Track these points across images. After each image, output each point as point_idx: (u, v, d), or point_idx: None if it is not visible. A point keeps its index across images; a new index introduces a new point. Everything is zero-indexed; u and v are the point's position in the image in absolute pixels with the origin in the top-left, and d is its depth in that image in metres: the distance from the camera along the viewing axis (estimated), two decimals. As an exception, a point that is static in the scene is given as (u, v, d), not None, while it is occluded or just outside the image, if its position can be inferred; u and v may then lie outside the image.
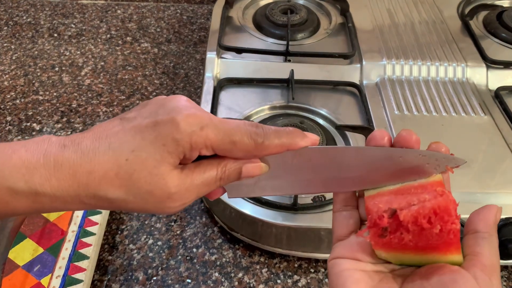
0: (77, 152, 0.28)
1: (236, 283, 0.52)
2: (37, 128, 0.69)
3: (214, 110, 0.63)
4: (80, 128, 0.69)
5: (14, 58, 0.82)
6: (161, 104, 0.30)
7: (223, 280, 0.52)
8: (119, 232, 0.56)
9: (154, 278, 0.52)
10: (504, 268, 0.55)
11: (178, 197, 0.30)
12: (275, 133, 0.30)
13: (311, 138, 0.31)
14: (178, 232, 0.56)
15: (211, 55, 0.70)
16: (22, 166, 0.28)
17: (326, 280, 0.53)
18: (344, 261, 0.31)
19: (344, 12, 0.81)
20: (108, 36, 0.88)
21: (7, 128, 0.69)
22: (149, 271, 0.53)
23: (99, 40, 0.87)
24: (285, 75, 0.68)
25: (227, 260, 0.54)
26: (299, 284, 0.52)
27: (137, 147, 0.29)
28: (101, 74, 0.79)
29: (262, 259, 0.54)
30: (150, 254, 0.54)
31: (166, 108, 0.30)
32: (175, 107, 0.29)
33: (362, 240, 0.31)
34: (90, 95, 0.75)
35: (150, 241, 0.55)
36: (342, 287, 0.30)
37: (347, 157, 0.31)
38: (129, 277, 0.52)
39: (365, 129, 0.58)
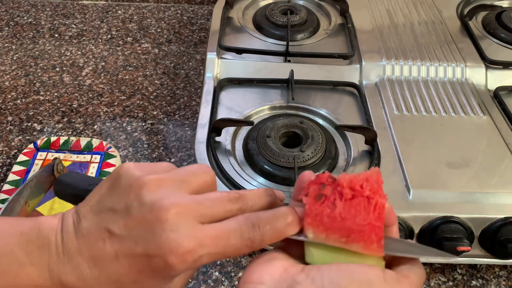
0: (79, 279, 0.29)
1: (236, 283, 0.52)
2: (38, 128, 0.69)
3: (214, 110, 0.63)
4: (81, 128, 0.69)
5: (15, 58, 0.82)
6: (138, 205, 0.29)
7: (223, 279, 0.52)
8: (120, 231, 0.56)
9: (155, 277, 0.52)
10: (503, 267, 0.55)
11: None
12: (272, 229, 0.30)
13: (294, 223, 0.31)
14: (178, 231, 0.57)
15: (211, 56, 0.71)
16: None
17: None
18: (274, 251, 0.32)
19: (344, 12, 0.82)
20: (109, 36, 0.88)
21: (8, 128, 0.69)
22: (150, 270, 0.53)
23: (100, 41, 0.87)
24: (285, 76, 0.68)
25: (227, 259, 0.54)
26: (299, 283, 0.52)
27: (137, 279, 0.29)
28: (102, 74, 0.79)
29: (262, 259, 0.54)
30: (151, 254, 0.54)
31: (147, 222, 0.28)
32: (157, 220, 0.28)
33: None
34: (91, 95, 0.75)
35: (151, 241, 0.56)
36: (258, 264, 0.30)
37: None
38: (130, 277, 0.52)
39: (365, 129, 0.58)
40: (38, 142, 0.64)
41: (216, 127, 0.59)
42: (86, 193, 0.33)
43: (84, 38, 0.88)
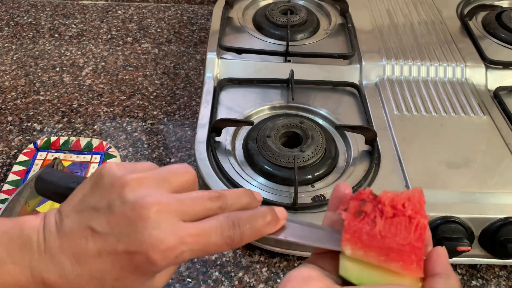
0: (62, 277, 0.29)
1: (236, 283, 0.52)
2: (38, 128, 0.69)
3: (214, 110, 0.63)
4: (81, 128, 0.69)
5: (15, 58, 0.82)
6: (120, 203, 0.30)
7: (223, 279, 0.52)
8: (120, 231, 0.56)
9: (155, 277, 0.52)
10: (503, 267, 0.55)
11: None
12: (251, 228, 0.31)
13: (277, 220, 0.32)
14: (178, 231, 0.57)
15: (211, 56, 0.71)
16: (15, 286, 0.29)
17: (326, 279, 0.53)
18: (311, 265, 0.31)
19: (344, 12, 0.82)
20: (109, 36, 0.88)
21: (8, 128, 0.69)
22: (150, 270, 0.53)
23: (100, 41, 0.87)
24: (285, 76, 0.68)
25: (227, 259, 0.54)
26: (299, 283, 0.52)
27: (119, 276, 0.30)
28: (102, 74, 0.79)
29: (262, 259, 0.54)
30: (151, 254, 0.54)
31: (129, 220, 0.29)
32: (139, 218, 0.29)
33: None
34: (91, 95, 0.75)
35: (151, 241, 0.56)
36: (294, 279, 0.30)
37: None
38: (130, 276, 0.52)
39: (365, 129, 0.58)
40: (38, 142, 0.64)
41: (216, 127, 0.59)
42: (68, 191, 0.33)
43: (84, 38, 0.88)
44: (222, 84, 0.67)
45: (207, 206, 0.31)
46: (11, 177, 0.58)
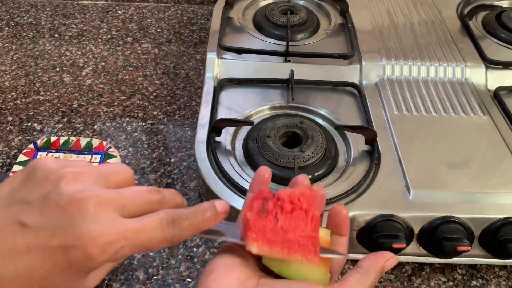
0: None
1: (236, 282, 0.52)
2: (38, 128, 0.69)
3: (214, 110, 0.63)
4: (81, 128, 0.69)
5: (15, 58, 0.82)
6: (56, 195, 0.28)
7: (223, 279, 0.52)
8: (120, 231, 0.57)
9: (155, 277, 0.52)
10: (503, 267, 0.55)
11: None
12: (190, 225, 0.31)
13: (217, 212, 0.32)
14: (178, 231, 0.57)
15: (211, 56, 0.71)
16: None
17: (326, 279, 0.53)
18: (228, 255, 0.33)
19: (344, 12, 0.82)
20: (109, 36, 0.88)
21: (8, 128, 0.69)
22: (150, 270, 0.53)
23: (100, 41, 0.87)
24: (285, 76, 0.68)
25: (227, 259, 0.54)
26: (299, 283, 0.52)
27: (49, 273, 0.28)
28: (102, 74, 0.79)
29: (262, 259, 0.54)
30: (151, 254, 0.54)
31: (66, 212, 0.27)
32: (77, 210, 0.27)
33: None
34: (91, 95, 0.75)
35: (151, 241, 0.56)
36: (214, 270, 0.31)
37: None
38: (130, 277, 0.52)
39: (365, 129, 0.58)
40: (38, 142, 0.64)
41: (216, 127, 0.59)
42: None
43: (84, 38, 0.88)
44: (222, 84, 0.67)
45: (147, 199, 0.30)
46: (11, 177, 0.58)
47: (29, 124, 0.70)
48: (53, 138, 0.64)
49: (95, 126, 0.70)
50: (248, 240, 0.32)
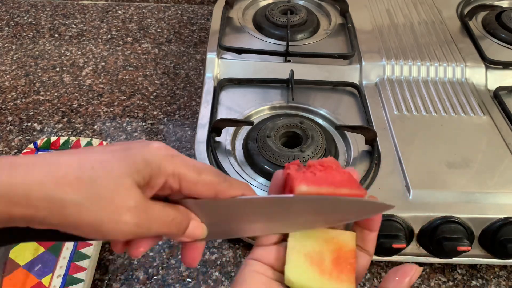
0: (35, 157, 0.28)
1: (236, 282, 0.52)
2: (38, 128, 0.69)
3: (214, 110, 0.63)
4: (81, 128, 0.69)
5: (15, 58, 0.82)
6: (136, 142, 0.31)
7: (223, 279, 0.52)
8: (120, 231, 0.56)
9: (155, 277, 0.52)
10: (503, 267, 0.55)
11: (135, 214, 0.28)
12: (235, 180, 0.33)
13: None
14: (178, 231, 0.57)
15: (211, 56, 0.71)
16: None
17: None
18: (258, 263, 0.33)
19: (344, 12, 0.82)
20: (109, 36, 0.88)
21: (8, 128, 0.69)
22: (150, 270, 0.53)
23: (100, 41, 0.87)
24: (285, 76, 0.68)
25: (227, 259, 0.54)
26: (299, 283, 0.52)
27: (105, 159, 0.28)
28: (102, 74, 0.79)
29: (262, 259, 0.54)
30: (151, 254, 0.54)
31: (140, 142, 0.31)
32: (149, 142, 0.30)
33: (282, 252, 0.33)
34: (91, 95, 0.75)
35: (151, 241, 0.56)
36: (244, 282, 0.32)
37: (293, 206, 0.33)
38: (130, 277, 0.52)
39: (365, 129, 0.58)
40: (38, 142, 0.64)
41: (216, 127, 0.59)
42: None
43: (84, 38, 0.88)
44: (222, 84, 0.67)
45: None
46: (11, 177, 0.58)
47: (29, 124, 0.70)
48: (53, 138, 0.64)
49: (95, 126, 0.70)
50: (295, 182, 0.31)
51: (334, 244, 0.33)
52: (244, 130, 0.61)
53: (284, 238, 0.34)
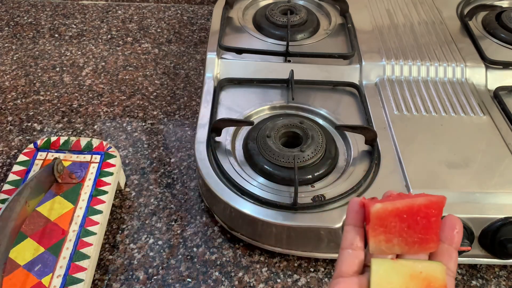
0: None
1: (236, 282, 0.52)
2: (38, 128, 0.69)
3: (214, 110, 0.63)
4: (81, 128, 0.69)
5: (15, 58, 0.82)
6: None
7: (223, 279, 0.52)
8: (120, 231, 0.57)
9: (155, 277, 0.52)
10: (503, 267, 0.55)
11: None
12: None
13: None
14: (178, 231, 0.57)
15: (211, 56, 0.71)
16: None
17: (326, 279, 0.53)
18: None
19: (344, 12, 0.82)
20: (109, 36, 0.88)
21: (8, 128, 0.69)
22: (150, 270, 0.53)
23: (100, 41, 0.87)
24: (285, 76, 0.68)
25: (227, 259, 0.54)
26: (299, 283, 0.52)
27: None
28: (102, 74, 0.79)
29: (262, 259, 0.54)
30: (151, 254, 0.54)
31: None
32: None
33: (364, 282, 0.32)
34: (91, 95, 0.75)
35: (151, 241, 0.56)
36: None
37: None
38: (130, 277, 0.52)
39: (365, 129, 0.58)
40: (38, 142, 0.64)
41: (216, 127, 0.59)
42: None
43: (84, 38, 0.88)
44: (222, 84, 0.67)
45: None
46: (11, 177, 0.58)
47: (29, 124, 0.70)
48: (53, 138, 0.64)
49: (95, 126, 0.70)
50: (370, 204, 0.32)
51: (422, 281, 0.30)
52: (244, 130, 0.61)
53: (365, 264, 0.33)
